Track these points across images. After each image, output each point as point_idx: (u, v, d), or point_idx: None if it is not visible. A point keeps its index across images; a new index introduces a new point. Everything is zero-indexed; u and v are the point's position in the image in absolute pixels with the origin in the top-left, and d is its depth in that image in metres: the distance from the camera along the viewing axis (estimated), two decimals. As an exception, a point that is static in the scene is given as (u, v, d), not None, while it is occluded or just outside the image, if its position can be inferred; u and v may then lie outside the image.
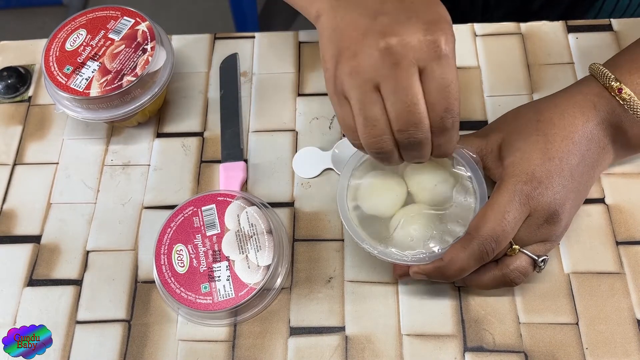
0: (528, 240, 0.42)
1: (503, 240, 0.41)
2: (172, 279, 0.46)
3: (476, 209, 0.44)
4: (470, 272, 0.42)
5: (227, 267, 0.46)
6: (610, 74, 0.44)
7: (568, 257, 0.48)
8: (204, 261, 0.46)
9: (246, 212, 0.48)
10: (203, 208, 0.48)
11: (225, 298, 0.45)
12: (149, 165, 0.55)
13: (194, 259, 0.46)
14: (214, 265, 0.46)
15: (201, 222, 0.48)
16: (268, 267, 0.46)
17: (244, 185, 0.53)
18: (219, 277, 0.46)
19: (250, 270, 0.46)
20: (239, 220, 0.47)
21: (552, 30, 0.59)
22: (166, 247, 0.47)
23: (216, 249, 0.47)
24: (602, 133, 0.44)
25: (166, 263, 0.46)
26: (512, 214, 0.41)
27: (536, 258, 0.42)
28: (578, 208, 0.45)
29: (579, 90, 0.46)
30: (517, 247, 0.42)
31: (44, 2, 1.64)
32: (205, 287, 0.45)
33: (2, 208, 0.54)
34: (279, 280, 0.47)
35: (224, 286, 0.45)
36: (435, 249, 0.43)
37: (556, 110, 0.44)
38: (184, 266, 0.46)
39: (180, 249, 0.47)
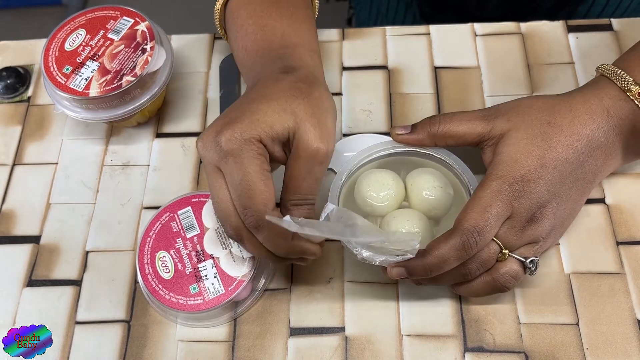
0: (515, 244, 0.42)
1: (486, 233, 0.40)
2: (159, 286, 0.45)
3: None
4: (452, 266, 0.41)
5: (212, 264, 0.46)
6: (628, 76, 0.43)
7: (568, 258, 0.48)
8: (189, 263, 0.46)
9: None
10: (179, 212, 0.48)
11: (215, 295, 0.45)
12: (149, 165, 0.55)
13: (178, 263, 0.46)
14: (199, 265, 0.46)
15: (179, 226, 0.47)
16: (253, 256, 0.46)
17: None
18: (206, 276, 0.46)
19: (235, 263, 0.46)
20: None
21: (552, 29, 0.59)
22: (148, 256, 0.47)
23: (199, 249, 0.47)
24: (612, 140, 0.44)
25: (151, 272, 0.46)
26: (494, 209, 0.41)
27: (523, 260, 0.42)
28: (572, 211, 0.45)
29: (595, 94, 0.44)
30: (506, 251, 0.42)
31: (43, 2, 1.64)
32: (194, 288, 0.45)
33: (1, 208, 0.53)
34: (268, 268, 0.47)
35: (212, 284, 0.45)
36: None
37: (569, 115, 0.43)
38: (169, 272, 0.46)
39: (163, 256, 0.47)
